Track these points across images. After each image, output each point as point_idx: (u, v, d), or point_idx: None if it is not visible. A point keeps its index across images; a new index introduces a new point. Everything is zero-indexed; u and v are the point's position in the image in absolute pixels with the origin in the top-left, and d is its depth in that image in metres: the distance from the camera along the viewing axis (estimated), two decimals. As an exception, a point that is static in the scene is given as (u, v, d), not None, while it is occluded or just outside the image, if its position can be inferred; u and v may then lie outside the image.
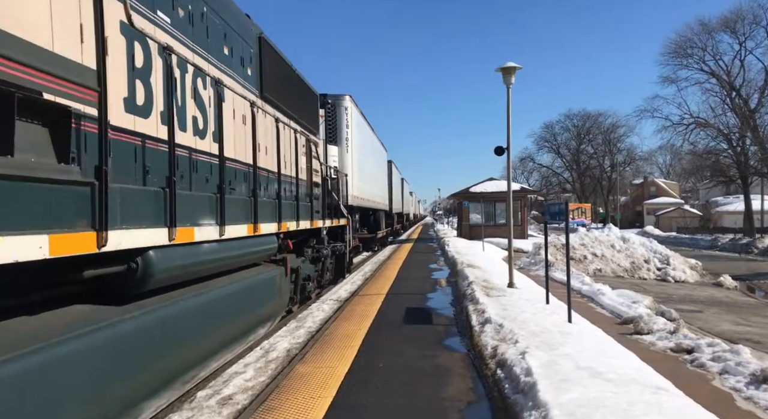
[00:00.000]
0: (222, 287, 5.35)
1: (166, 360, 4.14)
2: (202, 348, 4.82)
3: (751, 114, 42.75)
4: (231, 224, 5.45)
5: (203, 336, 4.84)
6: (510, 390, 5.09)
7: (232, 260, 5.73)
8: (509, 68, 11.56)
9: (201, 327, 4.78)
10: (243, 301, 5.89)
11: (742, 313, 13.16)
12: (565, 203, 8.87)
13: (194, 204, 4.80)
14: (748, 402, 5.43)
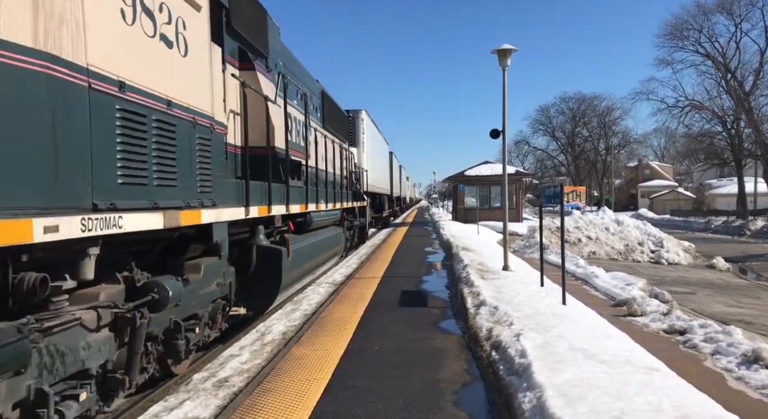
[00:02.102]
0: (324, 233, 10.86)
1: (320, 252, 10.24)
2: (323, 254, 10.62)
3: (745, 96, 42.76)
4: (323, 202, 10.63)
5: (323, 250, 10.57)
6: (505, 371, 5.13)
7: (326, 220, 11.19)
8: (505, 50, 11.47)
9: (320, 246, 10.26)
10: (331, 241, 11.48)
11: (734, 295, 13.29)
12: (560, 186, 8.87)
13: (317, 194, 10.13)
14: (739, 381, 5.51)
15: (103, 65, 3.53)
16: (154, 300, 4.22)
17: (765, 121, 42.40)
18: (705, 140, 48.36)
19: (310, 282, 10.85)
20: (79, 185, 3.32)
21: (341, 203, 12.82)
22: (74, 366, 3.43)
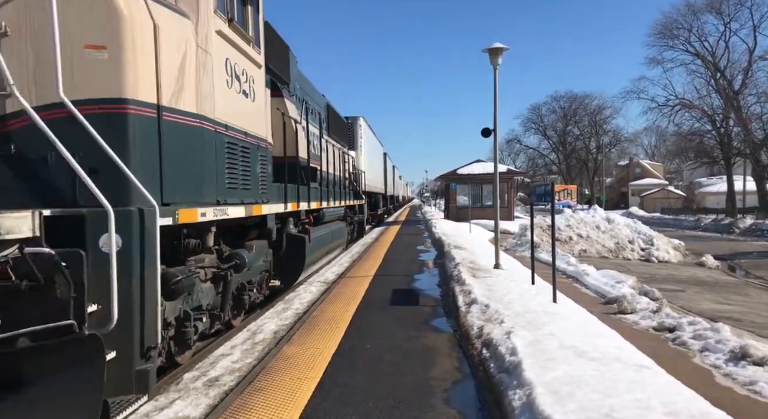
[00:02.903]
0: (332, 226, 12.59)
1: (330, 241, 12.03)
2: (332, 243, 12.42)
3: (734, 95, 43.17)
4: (331, 200, 12.33)
5: (331, 240, 12.22)
6: (495, 369, 5.15)
7: (334, 216, 13.00)
8: (496, 49, 11.50)
9: (331, 236, 12.09)
10: (337, 233, 13.40)
11: (723, 292, 13.41)
12: (551, 184, 8.91)
13: (326, 194, 11.67)
14: (727, 378, 5.55)
15: (219, 116, 5.42)
16: (236, 264, 6.24)
17: (753, 120, 42.85)
18: (695, 138, 48.79)
19: (303, 281, 10.84)
20: (212, 190, 5.30)
21: (344, 201, 14.92)
22: (196, 302, 5.46)
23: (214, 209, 5.16)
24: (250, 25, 6.45)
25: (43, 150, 3.84)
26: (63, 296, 3.29)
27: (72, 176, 3.81)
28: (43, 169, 3.90)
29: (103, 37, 3.94)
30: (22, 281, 3.21)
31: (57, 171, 3.89)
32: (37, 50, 3.87)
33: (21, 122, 3.80)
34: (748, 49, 43.65)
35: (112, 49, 3.96)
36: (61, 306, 3.29)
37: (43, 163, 3.89)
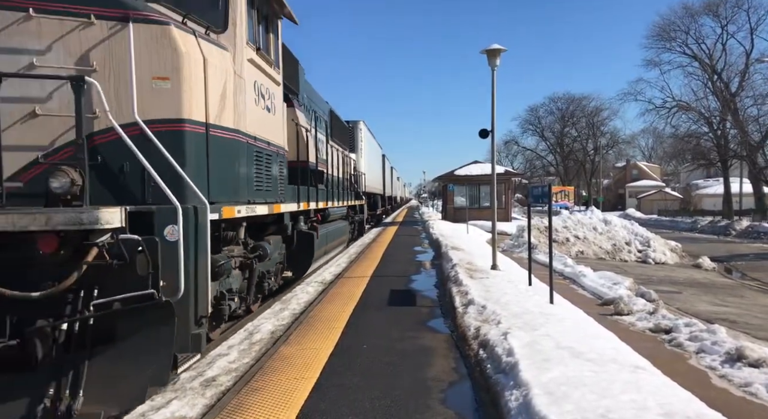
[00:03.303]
0: (336, 224, 13.46)
1: (334, 238, 13.04)
2: (336, 240, 13.33)
3: (731, 98, 43.26)
4: (335, 200, 13.33)
5: (335, 237, 13.01)
6: (492, 369, 5.16)
7: (338, 215, 13.90)
8: (494, 50, 11.52)
9: (335, 233, 12.93)
10: (341, 230, 14.39)
11: (719, 294, 13.45)
12: (548, 185, 8.93)
13: (331, 195, 12.56)
14: (723, 379, 5.57)
15: (249, 129, 6.44)
16: (260, 255, 7.18)
17: (750, 122, 42.95)
18: (692, 140, 48.82)
19: (300, 282, 10.84)
20: (245, 191, 6.36)
21: (347, 202, 16.03)
22: (228, 285, 6.20)
23: (246, 208, 6.23)
24: (271, 49, 7.54)
25: (121, 160, 4.74)
26: (143, 273, 4.25)
27: (142, 179, 4.78)
28: (120, 174, 4.79)
29: (166, 70, 4.87)
30: (113, 260, 4.17)
31: (131, 176, 4.80)
32: (117, 81, 4.76)
33: (105, 138, 4.71)
34: (745, 51, 43.78)
35: (173, 79, 4.89)
36: (142, 280, 4.23)
37: (121, 170, 4.78)
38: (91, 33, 4.72)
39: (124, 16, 4.72)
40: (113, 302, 4.23)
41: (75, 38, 4.69)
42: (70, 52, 4.70)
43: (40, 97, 4.63)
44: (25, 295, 3.94)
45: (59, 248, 4.15)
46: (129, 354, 4.18)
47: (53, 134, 4.66)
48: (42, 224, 4.00)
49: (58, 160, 4.54)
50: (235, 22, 5.98)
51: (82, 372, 4.06)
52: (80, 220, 4.03)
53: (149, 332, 4.20)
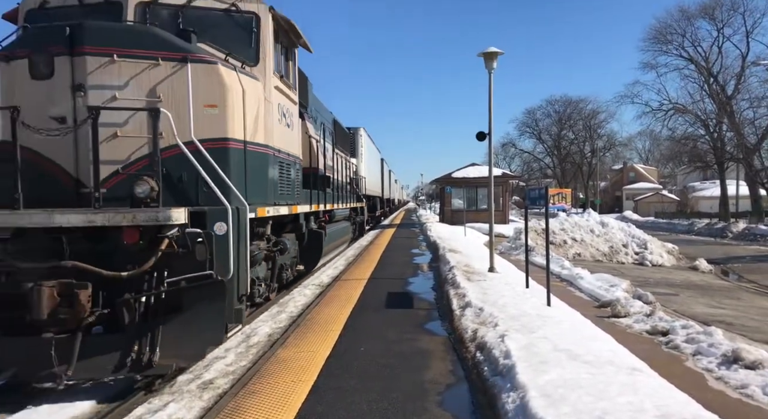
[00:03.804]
0: (340, 224, 14.56)
1: (339, 237, 14.16)
2: (341, 238, 14.49)
3: (727, 100, 43.42)
4: (340, 203, 14.59)
5: (339, 236, 14.06)
6: (489, 372, 5.16)
7: (342, 216, 15.22)
8: (491, 53, 11.54)
9: (340, 232, 14.04)
10: (345, 230, 15.35)
11: (716, 296, 13.48)
12: (545, 188, 8.95)
13: (336, 197, 13.79)
14: (719, 381, 5.59)
15: (274, 144, 7.54)
16: (281, 249, 8.41)
17: (746, 124, 43.10)
18: (688, 143, 48.99)
19: (298, 284, 10.84)
20: (272, 195, 7.55)
21: (349, 204, 17.20)
22: (257, 273, 7.28)
23: (272, 208, 7.46)
24: (290, 74, 8.80)
25: (180, 170, 5.84)
26: (202, 258, 5.37)
27: (195, 186, 5.88)
28: (180, 182, 5.88)
29: (215, 99, 5.99)
30: (180, 248, 5.32)
31: (187, 183, 5.89)
32: (177, 108, 5.80)
33: (169, 153, 5.76)
34: (741, 54, 43.96)
35: (220, 106, 6.02)
36: (201, 264, 5.37)
37: (180, 179, 5.87)
38: (158, 71, 5.84)
39: (184, 57, 5.85)
40: (180, 281, 5.36)
41: (146, 76, 5.83)
42: (142, 87, 5.82)
43: (119, 123, 5.73)
44: (117, 274, 5.13)
45: (139, 239, 5.31)
46: (192, 320, 5.33)
47: (129, 151, 5.77)
48: (129, 220, 5.21)
49: (133, 171, 5.70)
50: (264, 57, 7.20)
51: (157, 334, 5.23)
52: (157, 218, 5.24)
53: (207, 304, 5.38)
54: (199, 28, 6.55)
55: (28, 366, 4.96)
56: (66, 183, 5.63)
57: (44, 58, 5.59)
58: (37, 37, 5.71)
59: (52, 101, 5.60)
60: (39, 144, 5.59)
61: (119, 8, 6.40)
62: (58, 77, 5.60)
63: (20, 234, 5.29)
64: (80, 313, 4.98)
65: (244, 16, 7.00)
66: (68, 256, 5.18)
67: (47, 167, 5.63)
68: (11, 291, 5.02)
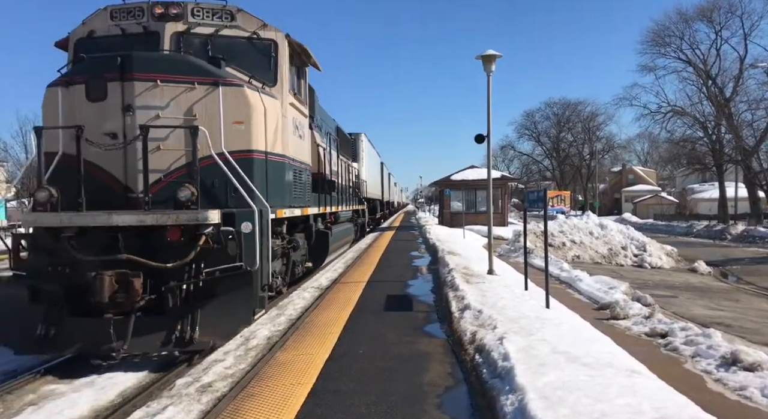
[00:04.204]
0: (344, 225, 15.46)
1: (343, 237, 15.05)
2: (344, 238, 15.36)
3: (726, 102, 43.50)
4: (343, 205, 15.29)
5: (343, 236, 14.96)
6: (488, 374, 5.16)
7: (345, 217, 15.92)
8: (489, 56, 11.57)
9: (344, 233, 15.06)
10: (348, 231, 16.20)
11: (714, 298, 13.49)
12: (543, 190, 8.96)
13: (340, 200, 14.49)
14: (718, 383, 5.59)
15: (289, 153, 8.52)
16: (294, 246, 9.41)
17: (744, 127, 43.18)
18: (687, 145, 49.05)
19: (296, 287, 10.84)
20: (287, 198, 8.48)
21: (352, 206, 18.10)
22: (274, 267, 7.91)
23: (288, 210, 8.49)
24: (302, 91, 9.73)
25: (212, 177, 6.72)
26: (233, 253, 6.36)
27: (225, 190, 6.81)
28: (212, 188, 6.78)
29: (241, 117, 6.94)
30: (214, 244, 6.29)
31: (218, 188, 6.82)
32: (210, 125, 6.65)
33: (203, 163, 6.56)
34: (739, 57, 44.05)
35: (245, 123, 6.98)
36: (232, 257, 6.36)
37: (212, 184, 6.77)
38: (194, 94, 6.78)
39: (215, 81, 6.79)
40: (215, 272, 6.33)
41: (184, 98, 6.76)
42: (180, 107, 6.75)
43: (162, 138, 6.66)
44: (162, 266, 6.10)
45: (181, 236, 6.28)
46: (226, 304, 6.24)
47: (169, 161, 6.72)
48: (174, 221, 6.20)
49: (173, 178, 6.66)
50: (281, 79, 8.21)
51: (196, 316, 6.17)
52: (196, 218, 6.22)
53: (238, 291, 6.29)
54: (226, 54, 7.51)
55: (91, 342, 5.97)
56: (116, 189, 6.64)
57: (99, 84, 6.54)
58: (93, 65, 6.66)
59: (106, 120, 6.57)
60: (95, 156, 6.55)
61: (157, 38, 7.42)
62: (110, 99, 6.56)
63: (82, 232, 6.23)
64: (134, 297, 5.98)
65: (263, 42, 7.98)
66: (122, 250, 6.13)
67: (101, 175, 6.62)
68: (77, 280, 6.06)
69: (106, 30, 7.62)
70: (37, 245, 6.48)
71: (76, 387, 5.80)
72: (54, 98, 6.71)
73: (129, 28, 7.52)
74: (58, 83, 6.79)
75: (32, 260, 6.45)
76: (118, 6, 7.58)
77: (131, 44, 7.33)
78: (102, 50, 7.05)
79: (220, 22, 7.70)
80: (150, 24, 7.49)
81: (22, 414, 5.08)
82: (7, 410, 5.21)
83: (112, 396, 5.55)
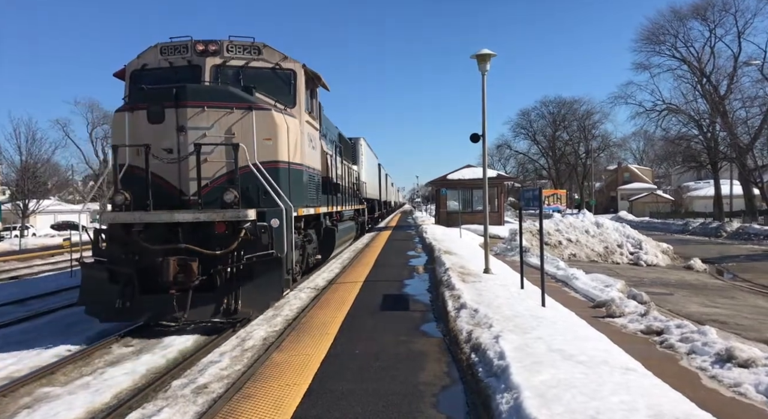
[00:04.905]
0: (348, 223, 17.15)
1: (347, 233, 16.61)
2: (347, 235, 16.72)
3: (720, 100, 43.58)
4: (346, 205, 17.17)
5: (347, 232, 16.40)
6: (484, 373, 5.17)
7: (348, 216, 17.90)
8: (484, 55, 11.58)
9: (347, 230, 16.62)
10: (350, 228, 17.79)
11: (710, 295, 13.53)
12: (538, 189, 8.97)
13: (343, 200, 16.14)
14: (713, 380, 5.61)
15: (305, 162, 10.10)
16: (309, 240, 10.98)
17: (739, 124, 43.28)
18: (682, 143, 49.12)
19: (294, 288, 10.83)
20: (304, 199, 10.13)
21: (353, 206, 19.67)
22: (294, 257, 9.25)
23: (305, 209, 10.15)
24: (314, 108, 11.31)
25: (247, 183, 8.28)
26: (266, 243, 8.02)
27: (257, 193, 8.37)
28: (247, 191, 8.33)
29: (269, 134, 8.58)
30: (251, 236, 7.92)
31: (251, 191, 8.37)
32: (245, 141, 8.25)
33: (241, 172, 8.17)
34: (733, 54, 44.12)
35: (273, 139, 8.62)
36: (265, 246, 8.01)
37: (248, 188, 8.33)
38: (232, 116, 8.35)
39: (249, 107, 8.39)
40: (252, 258, 7.99)
41: (225, 119, 8.32)
42: (222, 127, 8.31)
43: (208, 152, 8.21)
44: (212, 253, 7.83)
45: (225, 229, 8.05)
46: (261, 284, 8.01)
47: (213, 171, 8.31)
48: (221, 217, 7.96)
49: (217, 184, 8.25)
50: (299, 102, 9.90)
51: (238, 293, 7.93)
52: (238, 216, 7.94)
53: (270, 273, 8.08)
54: (254, 82, 9.14)
55: (159, 312, 7.81)
56: (172, 193, 8.21)
57: (158, 109, 8.09)
58: (153, 95, 8.24)
59: (163, 138, 8.14)
60: (155, 167, 8.10)
61: (199, 70, 9.11)
62: (167, 122, 8.13)
63: (149, 227, 7.92)
64: (191, 278, 7.63)
65: (285, 71, 9.67)
66: (182, 241, 7.81)
67: (160, 182, 8.17)
68: (145, 264, 7.75)
69: (157, 63, 9.25)
70: (113, 237, 8.09)
71: (71, 389, 5.82)
72: (122, 121, 8.28)
73: (176, 62, 9.22)
74: (124, 109, 8.40)
75: (110, 249, 8.07)
76: (167, 43, 9.20)
77: (178, 75, 9.00)
78: (153, 80, 8.92)
79: (249, 55, 9.39)
80: (193, 58, 9.16)
81: (17, 418, 5.06)
82: (2, 413, 5.20)
83: (107, 397, 5.56)
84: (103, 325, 8.32)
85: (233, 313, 7.80)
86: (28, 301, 12.11)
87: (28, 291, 13.30)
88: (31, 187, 38.02)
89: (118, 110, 8.48)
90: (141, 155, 8.05)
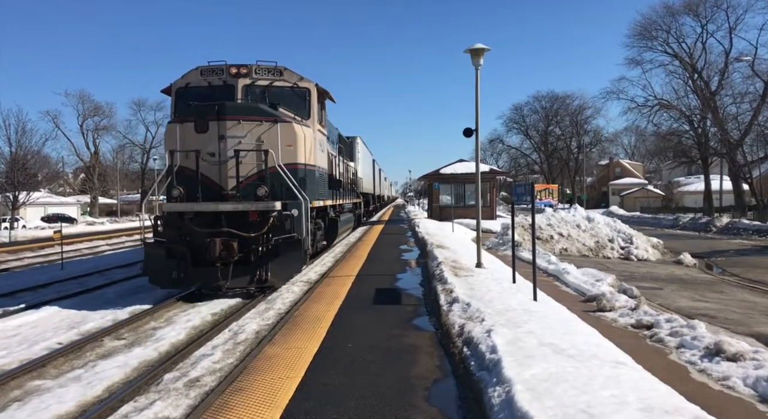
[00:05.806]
0: (347, 215, 19.81)
1: (347, 223, 19.61)
2: (347, 225, 19.84)
3: (711, 96, 43.80)
4: (346, 199, 19.22)
5: (347, 223, 19.47)
6: (476, 367, 5.20)
7: (347, 208, 20.08)
8: (478, 50, 11.57)
9: (347, 220, 19.59)
10: (350, 219, 20.71)
11: (699, 289, 13.65)
12: (531, 184, 9.00)
13: (343, 194, 18.09)
14: (702, 374, 5.67)
15: (317, 163, 12.26)
16: (319, 227, 13.22)
17: (729, 120, 43.56)
18: (673, 138, 49.40)
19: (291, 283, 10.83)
20: (316, 194, 12.17)
21: (352, 199, 21.48)
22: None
23: (317, 202, 12.06)
24: (323, 118, 13.29)
25: (273, 180, 10.21)
26: (289, 228, 10.14)
27: (281, 189, 10.24)
28: (273, 187, 10.20)
29: (291, 141, 10.51)
30: (277, 223, 10.04)
31: (277, 188, 10.27)
32: (272, 147, 10.22)
33: (269, 171, 10.19)
34: (725, 50, 44.32)
35: (293, 145, 10.55)
36: (288, 231, 10.15)
37: (273, 185, 10.21)
38: (262, 127, 10.30)
39: (275, 120, 10.36)
40: (278, 239, 10.05)
41: (256, 130, 10.28)
42: (253, 136, 10.26)
43: (243, 156, 10.09)
44: (248, 235, 9.87)
45: (258, 217, 10.03)
46: (285, 260, 10.13)
47: (247, 170, 10.23)
48: (256, 207, 10.00)
49: (250, 181, 10.18)
50: (312, 114, 11.90)
51: (268, 267, 10.03)
52: (268, 207, 9.97)
53: (292, 251, 10.17)
54: (277, 98, 11.13)
55: (207, 281, 9.98)
56: (215, 188, 10.19)
57: (203, 122, 10.12)
58: (199, 110, 10.25)
59: (208, 145, 10.17)
60: (202, 168, 10.10)
61: (233, 89, 11.09)
62: (211, 132, 10.14)
63: (198, 215, 10.00)
64: (232, 254, 9.74)
65: (301, 89, 11.75)
66: (225, 225, 9.81)
67: (205, 180, 10.13)
68: (195, 244, 9.87)
69: (198, 83, 11.20)
70: (169, 222, 10.19)
71: (62, 382, 5.82)
72: (174, 130, 10.29)
73: (213, 82, 11.18)
74: (175, 121, 10.41)
75: (167, 232, 10.18)
76: (206, 67, 11.19)
77: (215, 93, 10.98)
78: (195, 97, 10.89)
79: (273, 76, 11.39)
80: (228, 79, 11.12)
81: (7, 411, 5.04)
82: (-8, 406, 5.17)
83: (98, 391, 5.55)
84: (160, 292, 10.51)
85: (264, 282, 9.98)
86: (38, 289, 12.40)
87: (38, 279, 13.23)
88: (21, 179, 37.63)
89: (170, 122, 10.52)
90: (189, 158, 10.07)
